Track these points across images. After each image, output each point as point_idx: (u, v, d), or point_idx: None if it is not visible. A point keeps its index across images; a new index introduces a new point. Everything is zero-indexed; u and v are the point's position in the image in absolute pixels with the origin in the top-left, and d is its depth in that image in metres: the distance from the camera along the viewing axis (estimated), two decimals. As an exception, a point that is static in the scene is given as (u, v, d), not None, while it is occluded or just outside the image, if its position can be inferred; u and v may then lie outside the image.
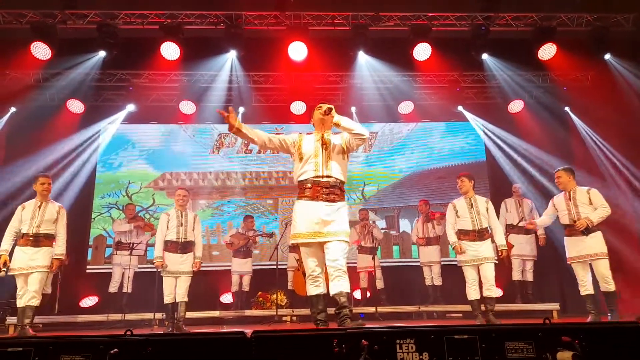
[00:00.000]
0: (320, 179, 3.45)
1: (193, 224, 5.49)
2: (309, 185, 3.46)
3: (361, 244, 7.39)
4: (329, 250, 3.41)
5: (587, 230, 4.69)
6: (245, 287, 7.31)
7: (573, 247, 4.81)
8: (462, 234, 4.98)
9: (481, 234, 4.90)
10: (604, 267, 4.66)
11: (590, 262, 4.75)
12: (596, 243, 4.70)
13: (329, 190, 3.43)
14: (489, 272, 4.83)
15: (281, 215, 8.56)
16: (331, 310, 3.47)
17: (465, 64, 7.91)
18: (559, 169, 5.08)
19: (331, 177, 3.47)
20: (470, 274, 4.90)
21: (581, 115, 8.25)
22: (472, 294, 4.87)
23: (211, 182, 8.64)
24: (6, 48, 7.11)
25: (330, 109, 3.48)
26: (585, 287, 4.79)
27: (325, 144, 3.54)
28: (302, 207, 3.46)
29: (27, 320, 4.74)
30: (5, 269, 4.88)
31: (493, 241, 5.00)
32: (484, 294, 4.83)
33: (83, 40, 7.16)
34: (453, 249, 5.03)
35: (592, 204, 4.77)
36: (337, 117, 3.47)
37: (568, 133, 8.40)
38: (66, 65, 7.42)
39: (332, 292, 3.40)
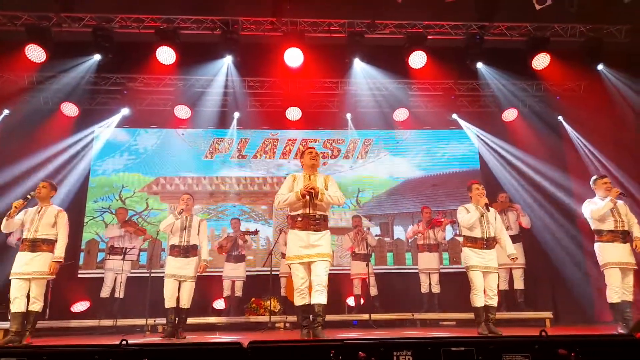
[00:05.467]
0: (309, 214, 4.19)
1: (198, 228, 5.42)
2: (300, 218, 4.20)
3: (355, 251, 7.38)
4: (315, 268, 4.10)
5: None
6: (238, 293, 7.27)
7: (615, 253, 4.83)
8: (470, 241, 4.92)
9: (488, 243, 4.88)
10: (632, 277, 4.80)
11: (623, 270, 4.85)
12: (630, 253, 4.85)
13: (316, 222, 4.19)
14: (493, 281, 4.85)
15: (275, 221, 8.54)
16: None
17: (460, 72, 7.98)
18: (605, 175, 5.21)
19: (316, 212, 4.20)
20: (477, 280, 4.79)
21: (574, 124, 8.34)
22: (478, 300, 4.77)
23: (205, 187, 8.61)
24: (0, 50, 7.04)
25: (311, 192, 4.09)
26: (618, 295, 4.75)
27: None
28: (295, 235, 4.20)
29: (29, 326, 4.69)
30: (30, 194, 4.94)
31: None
32: (487, 303, 4.80)
33: (78, 44, 7.13)
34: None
35: (627, 214, 4.99)
36: (320, 198, 4.12)
37: (561, 141, 8.48)
38: (61, 68, 7.39)
39: (312, 302, 4.05)
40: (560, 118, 8.50)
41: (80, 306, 7.40)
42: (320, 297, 4.00)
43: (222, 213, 8.49)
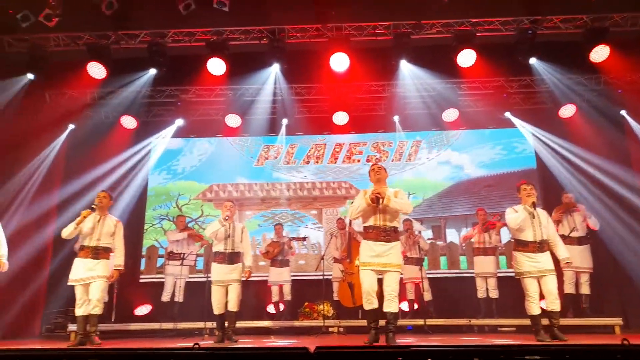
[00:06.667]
0: (379, 225, 4.45)
1: (241, 235, 5.53)
2: (371, 230, 4.50)
3: (407, 255, 7.28)
4: (386, 279, 4.42)
5: None
6: (287, 297, 7.32)
7: None
8: (520, 245, 4.74)
9: (542, 246, 4.67)
10: None
11: None
12: None
13: (386, 233, 4.44)
14: (552, 284, 4.61)
15: (326, 225, 8.58)
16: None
17: (511, 69, 7.74)
18: None
19: (386, 224, 4.46)
20: (531, 287, 4.61)
21: (638, 118, 7.86)
22: (534, 308, 4.60)
23: (257, 193, 8.79)
24: (65, 69, 7.52)
25: (376, 198, 4.37)
26: None
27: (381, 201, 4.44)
28: (366, 245, 4.50)
29: (93, 328, 4.99)
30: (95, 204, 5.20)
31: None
32: (549, 308, 4.60)
33: (135, 59, 7.51)
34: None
35: None
36: (385, 202, 4.38)
37: (624, 137, 7.99)
38: (120, 84, 7.80)
39: (384, 309, 4.37)
40: (622, 112, 8.02)
41: (143, 310, 7.73)
42: (391, 305, 4.35)
43: (274, 218, 8.60)
